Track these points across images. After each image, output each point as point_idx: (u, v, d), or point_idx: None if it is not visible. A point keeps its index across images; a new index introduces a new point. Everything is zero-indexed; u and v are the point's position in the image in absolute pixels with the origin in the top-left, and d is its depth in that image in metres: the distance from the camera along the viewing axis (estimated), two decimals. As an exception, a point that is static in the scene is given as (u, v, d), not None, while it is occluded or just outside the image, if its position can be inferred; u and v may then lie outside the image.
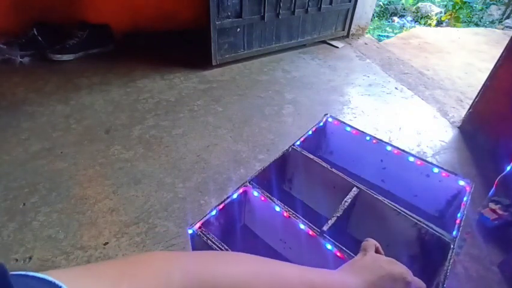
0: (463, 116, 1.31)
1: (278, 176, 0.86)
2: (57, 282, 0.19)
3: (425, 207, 0.89)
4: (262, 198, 0.69)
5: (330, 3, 1.79)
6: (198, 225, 0.62)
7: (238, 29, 1.55)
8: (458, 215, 0.68)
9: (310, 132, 0.90)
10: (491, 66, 1.16)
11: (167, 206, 0.87)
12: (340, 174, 0.76)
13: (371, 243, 0.47)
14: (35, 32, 1.51)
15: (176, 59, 1.64)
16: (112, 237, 0.78)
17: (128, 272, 0.25)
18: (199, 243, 0.64)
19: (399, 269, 0.42)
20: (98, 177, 0.94)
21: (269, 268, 0.33)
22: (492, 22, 3.25)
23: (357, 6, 1.93)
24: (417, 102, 1.46)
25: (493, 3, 3.37)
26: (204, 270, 0.28)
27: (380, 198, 0.70)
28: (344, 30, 2.00)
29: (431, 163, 0.82)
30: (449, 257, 0.59)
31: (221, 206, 0.67)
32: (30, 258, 0.72)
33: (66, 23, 1.62)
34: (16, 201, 0.85)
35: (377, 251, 0.46)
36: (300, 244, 0.68)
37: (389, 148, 0.87)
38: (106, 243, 0.76)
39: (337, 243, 0.60)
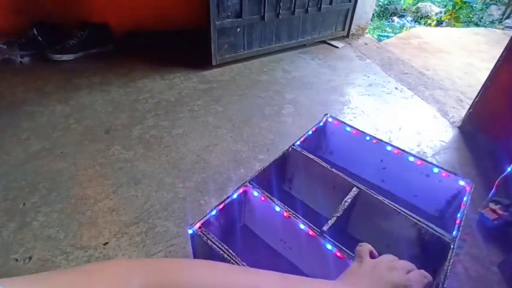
0: (463, 116, 1.31)
1: (278, 176, 0.86)
2: None
3: (425, 207, 0.89)
4: (262, 198, 0.69)
5: (330, 3, 1.79)
6: (198, 225, 0.62)
7: (238, 29, 1.55)
8: (458, 215, 0.68)
9: (310, 132, 0.90)
10: (491, 66, 1.16)
11: (167, 206, 0.87)
12: (340, 174, 0.76)
13: (365, 248, 0.44)
14: (35, 32, 1.51)
15: (176, 59, 1.64)
16: (112, 237, 0.78)
17: (82, 283, 0.23)
18: (199, 243, 0.64)
19: (400, 276, 0.40)
20: (98, 177, 0.94)
21: (239, 277, 0.29)
22: (492, 22, 3.25)
23: (357, 6, 1.93)
24: (417, 102, 1.46)
25: (493, 3, 3.37)
26: (165, 278, 0.26)
27: (380, 198, 0.70)
28: (344, 30, 2.00)
29: (431, 163, 0.82)
30: (449, 257, 0.59)
31: (221, 206, 0.67)
32: (30, 258, 0.72)
33: (66, 23, 1.62)
34: (16, 201, 0.85)
35: (371, 256, 0.44)
36: (300, 244, 0.68)
37: (389, 148, 0.87)
38: (106, 243, 0.76)
39: (337, 243, 0.60)
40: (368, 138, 0.89)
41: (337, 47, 1.93)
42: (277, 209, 0.66)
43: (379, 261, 0.43)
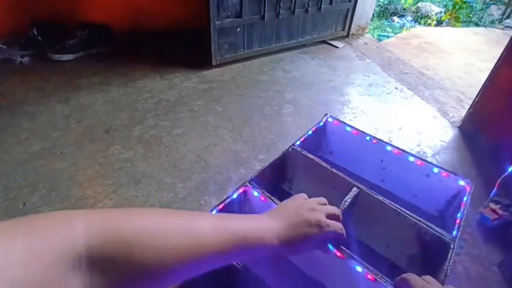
0: (463, 116, 1.31)
1: (278, 176, 0.86)
2: None
3: (425, 207, 0.89)
4: (262, 198, 0.69)
5: (330, 3, 1.79)
6: (198, 225, 0.62)
7: (238, 29, 1.55)
8: (458, 215, 0.68)
9: (310, 132, 0.90)
10: (491, 66, 1.16)
11: (167, 206, 0.87)
12: (340, 174, 0.76)
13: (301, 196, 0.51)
14: (35, 32, 1.51)
15: (176, 59, 1.64)
16: (112, 237, 0.78)
17: (24, 230, 0.22)
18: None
19: (317, 216, 0.45)
20: (98, 177, 0.94)
21: (179, 220, 0.32)
22: (492, 22, 3.25)
23: (357, 6, 1.93)
24: (417, 102, 1.46)
25: (493, 3, 3.37)
26: (108, 221, 0.26)
27: (380, 198, 0.70)
28: (344, 30, 2.00)
29: (431, 163, 0.82)
30: (449, 257, 0.59)
31: (221, 206, 0.67)
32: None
33: (66, 23, 1.62)
34: (16, 201, 0.85)
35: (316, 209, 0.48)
36: (300, 244, 0.68)
37: (389, 148, 0.87)
38: (106, 243, 0.76)
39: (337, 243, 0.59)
40: (368, 138, 0.89)
41: (337, 47, 1.93)
42: (277, 209, 0.66)
43: (306, 202, 0.49)
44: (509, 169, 0.85)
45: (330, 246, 0.57)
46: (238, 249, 0.35)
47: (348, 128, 0.93)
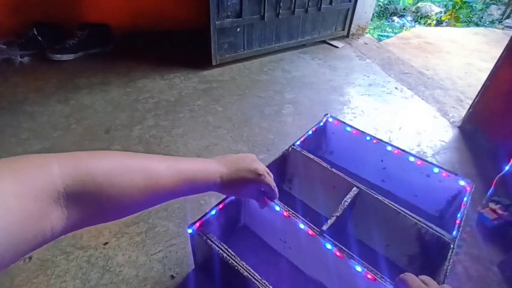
0: (463, 115, 1.31)
1: (278, 176, 0.86)
2: None
3: (425, 207, 0.89)
4: (262, 198, 0.69)
5: (330, 3, 1.79)
6: (198, 224, 0.62)
7: (238, 29, 1.55)
8: (458, 215, 0.68)
9: (310, 132, 0.90)
10: (491, 66, 1.16)
11: (167, 206, 0.87)
12: (340, 174, 0.76)
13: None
14: (35, 32, 1.51)
15: (176, 59, 1.64)
16: (112, 237, 0.78)
17: (9, 171, 0.25)
18: (198, 243, 0.64)
19: (257, 165, 0.54)
20: (98, 177, 0.94)
21: (138, 161, 0.37)
22: (492, 22, 3.25)
23: (357, 6, 1.93)
24: (417, 102, 1.46)
25: (493, 3, 3.37)
26: (79, 163, 0.30)
27: (380, 198, 0.70)
28: (344, 30, 2.00)
29: (431, 163, 0.82)
30: (449, 257, 0.59)
31: (221, 206, 0.67)
32: (30, 258, 0.72)
33: (66, 23, 1.62)
34: (16, 201, 0.85)
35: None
36: (300, 244, 0.68)
37: (389, 148, 0.87)
38: (106, 243, 0.76)
39: (337, 243, 0.60)
40: (368, 138, 0.89)
41: (337, 47, 1.93)
42: (277, 208, 0.66)
43: (253, 158, 0.57)
44: (506, 168, 0.85)
45: (330, 246, 0.57)
46: (188, 185, 0.42)
47: (348, 128, 0.93)
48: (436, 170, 0.80)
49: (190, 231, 0.62)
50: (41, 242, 0.26)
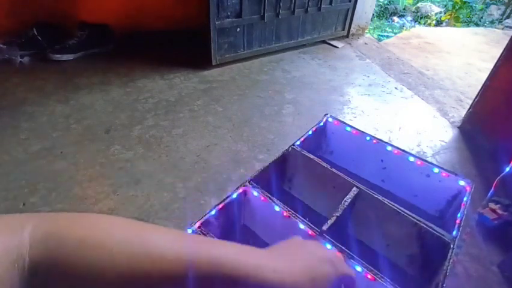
0: (463, 116, 1.31)
1: (278, 176, 0.86)
2: None
3: (425, 207, 0.89)
4: (262, 198, 0.69)
5: (330, 3, 1.79)
6: (198, 224, 0.62)
7: (238, 29, 1.55)
8: (458, 215, 0.68)
9: (310, 132, 0.90)
10: (491, 66, 1.16)
11: (167, 206, 0.87)
12: (340, 174, 0.76)
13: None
14: (35, 32, 1.51)
15: (176, 59, 1.64)
16: (111, 237, 0.78)
17: None
18: (199, 243, 0.64)
19: (324, 252, 0.37)
20: (98, 177, 0.94)
21: (133, 230, 0.28)
22: (492, 22, 3.25)
23: (357, 6, 1.93)
24: (417, 102, 1.46)
25: (493, 3, 3.37)
26: (52, 228, 0.25)
27: (380, 198, 0.70)
28: (344, 30, 2.00)
29: (431, 163, 0.82)
30: (449, 257, 0.59)
31: (221, 206, 0.67)
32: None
33: (66, 23, 1.62)
34: (16, 201, 0.85)
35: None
36: (300, 244, 0.68)
37: (389, 148, 0.87)
38: (106, 243, 0.76)
39: (337, 243, 0.60)
40: (368, 138, 0.89)
41: (337, 47, 1.93)
42: (277, 208, 0.66)
43: (323, 248, 0.40)
44: (507, 169, 0.85)
45: (329, 246, 0.57)
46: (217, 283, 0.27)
47: (348, 128, 0.93)
48: (436, 170, 0.80)
49: (190, 231, 0.62)
50: None
